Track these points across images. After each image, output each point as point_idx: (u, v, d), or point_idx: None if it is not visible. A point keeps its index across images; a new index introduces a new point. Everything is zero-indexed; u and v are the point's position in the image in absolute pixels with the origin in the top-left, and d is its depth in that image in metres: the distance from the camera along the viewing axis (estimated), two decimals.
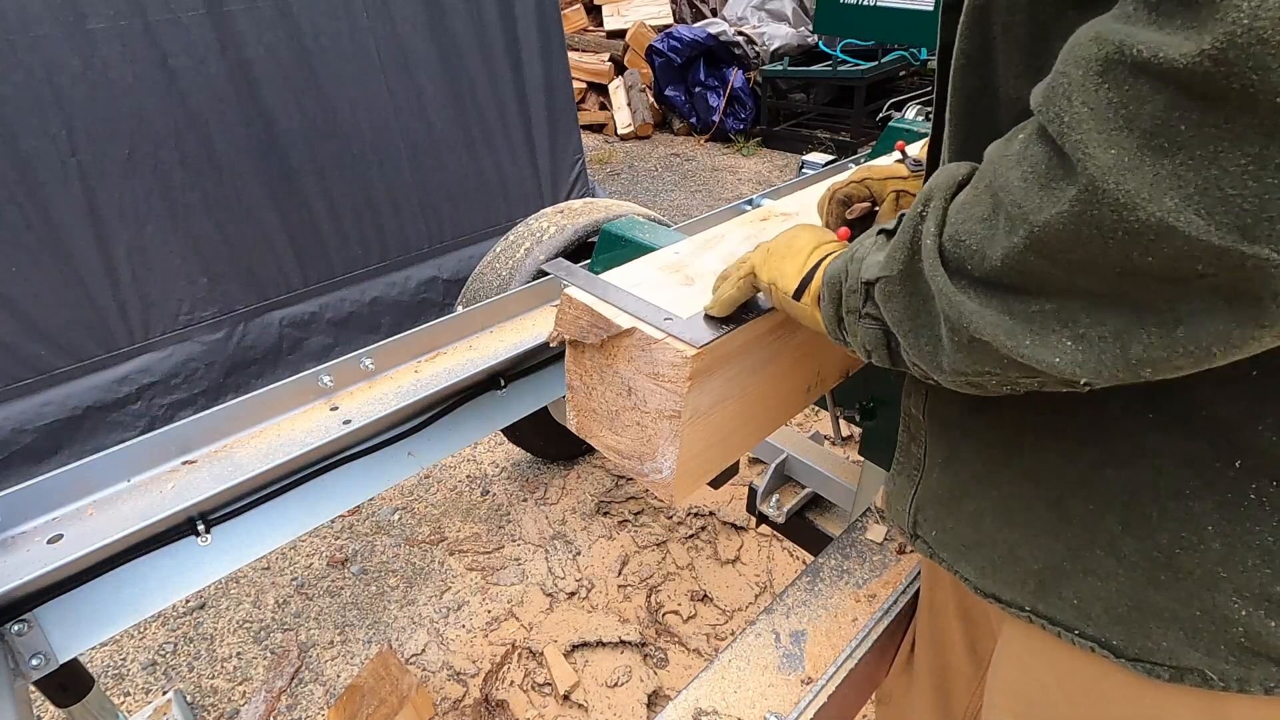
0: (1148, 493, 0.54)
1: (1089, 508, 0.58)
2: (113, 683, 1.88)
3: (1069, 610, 0.61)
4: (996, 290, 0.45)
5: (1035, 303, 0.43)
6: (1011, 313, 0.44)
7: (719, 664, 1.02)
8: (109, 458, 1.05)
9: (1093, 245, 0.38)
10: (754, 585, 2.13)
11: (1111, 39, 0.36)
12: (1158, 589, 0.55)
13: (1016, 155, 0.42)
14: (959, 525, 0.69)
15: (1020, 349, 0.44)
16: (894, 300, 0.53)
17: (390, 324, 3.00)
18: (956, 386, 0.52)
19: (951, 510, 0.70)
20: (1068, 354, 0.42)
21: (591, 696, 1.83)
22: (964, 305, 0.46)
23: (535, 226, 1.84)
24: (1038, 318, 0.43)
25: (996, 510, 0.65)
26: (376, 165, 2.82)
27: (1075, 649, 0.62)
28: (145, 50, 2.19)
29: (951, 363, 0.50)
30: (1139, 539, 0.55)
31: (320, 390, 1.24)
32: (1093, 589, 0.59)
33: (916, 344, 0.52)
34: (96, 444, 2.38)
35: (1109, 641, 0.59)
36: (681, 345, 0.73)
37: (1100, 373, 0.42)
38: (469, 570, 2.19)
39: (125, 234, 2.29)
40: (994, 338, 0.45)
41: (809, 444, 1.70)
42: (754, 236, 1.00)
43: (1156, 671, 0.57)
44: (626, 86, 5.98)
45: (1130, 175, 0.36)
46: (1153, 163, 0.35)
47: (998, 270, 0.44)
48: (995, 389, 0.50)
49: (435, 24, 2.85)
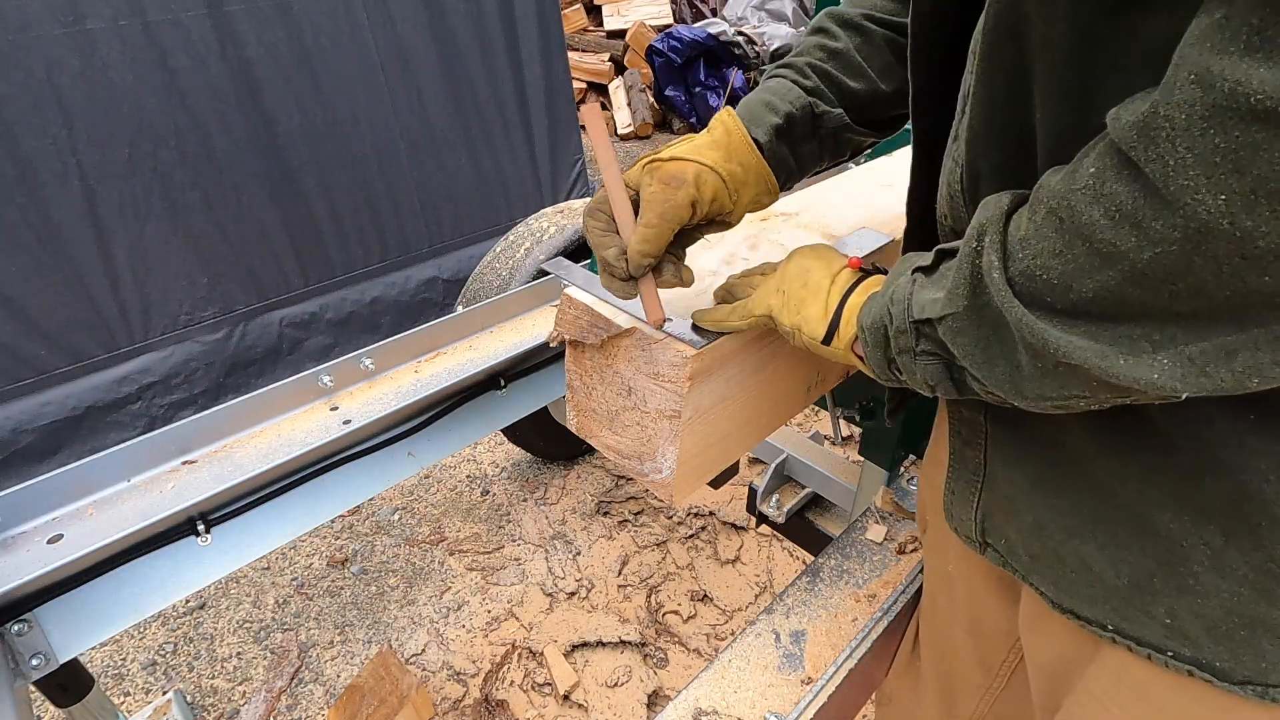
0: (1253, 500, 0.51)
1: (1183, 520, 0.54)
2: (113, 683, 1.88)
3: (1160, 630, 0.57)
4: (1082, 318, 0.44)
5: (1127, 327, 0.42)
6: (1099, 338, 0.43)
7: (719, 664, 1.02)
8: (109, 458, 1.06)
9: (1204, 274, 0.37)
10: (754, 585, 2.13)
11: (1218, 84, 0.33)
12: (1272, 603, 0.52)
13: (1092, 191, 0.40)
14: (1024, 536, 0.66)
15: (1114, 369, 0.42)
16: (963, 336, 0.51)
17: (390, 324, 3.00)
18: (1040, 410, 0.51)
19: (1012, 519, 0.67)
20: (1166, 371, 0.41)
21: (591, 696, 1.83)
22: (1048, 334, 0.44)
23: (535, 226, 1.84)
24: (1127, 340, 0.42)
25: (1060, 521, 0.62)
26: (376, 165, 2.82)
27: (1168, 673, 0.58)
28: (145, 50, 2.19)
29: (1036, 389, 0.48)
30: (1246, 551, 0.52)
31: (320, 390, 1.24)
32: (1190, 607, 0.55)
33: (992, 374, 0.51)
34: (96, 444, 2.37)
35: (1211, 663, 0.55)
36: (682, 345, 0.73)
37: (1203, 386, 0.41)
38: (469, 570, 2.19)
39: (125, 234, 2.29)
40: (1084, 360, 0.43)
41: (809, 444, 1.70)
42: (754, 236, 1.00)
43: (1274, 695, 0.53)
44: (626, 86, 5.98)
45: (1246, 215, 0.34)
46: (1270, 203, 0.34)
47: (1088, 302, 0.42)
48: (1083, 408, 0.48)
49: (435, 24, 2.85)
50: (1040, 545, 0.64)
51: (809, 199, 1.13)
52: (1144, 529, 0.56)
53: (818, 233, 1.00)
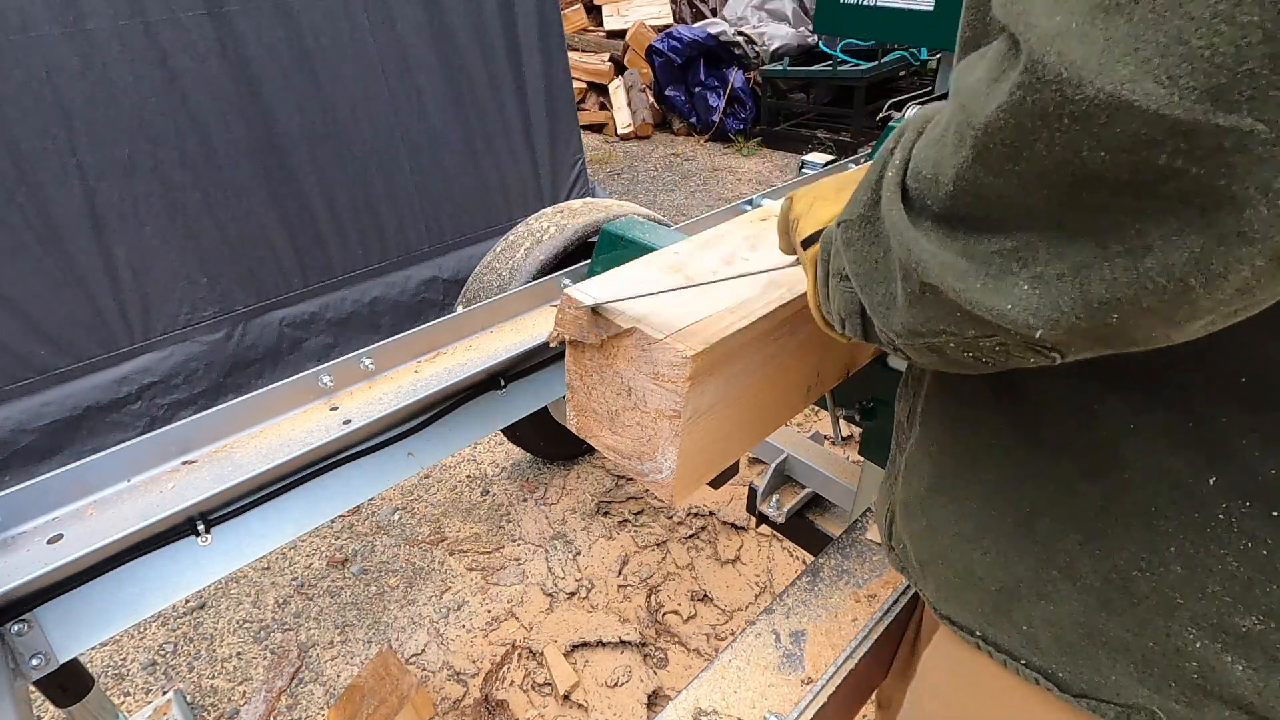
0: (1114, 508, 0.50)
1: (1055, 524, 0.53)
2: (113, 683, 1.88)
3: (1018, 637, 0.56)
4: (957, 228, 0.39)
5: (995, 240, 0.37)
6: (970, 254, 0.38)
7: (719, 664, 1.01)
8: (109, 458, 1.05)
9: (1038, 144, 0.32)
10: (754, 585, 2.13)
11: None
12: (1110, 614, 0.51)
13: (982, 59, 0.36)
14: (917, 539, 0.65)
15: (970, 293, 0.38)
16: (853, 247, 0.48)
17: (390, 324, 3.00)
18: (916, 354, 0.47)
19: (909, 522, 0.66)
20: (1021, 300, 0.36)
21: (591, 696, 1.83)
22: (918, 244, 0.40)
23: (535, 226, 1.84)
24: (996, 259, 0.37)
25: (953, 526, 0.60)
26: (376, 165, 2.82)
27: (1020, 680, 0.57)
28: (145, 50, 2.19)
29: (904, 319, 0.44)
30: (1096, 558, 0.51)
31: (320, 390, 1.24)
32: (1044, 614, 0.54)
33: (871, 298, 0.48)
34: (96, 444, 2.38)
35: (1054, 674, 0.54)
36: (681, 345, 0.73)
37: (1058, 321, 0.35)
38: (469, 570, 2.19)
39: (125, 234, 2.29)
40: (942, 280, 0.39)
41: (809, 444, 1.70)
42: (754, 237, 1.00)
43: (1102, 710, 0.52)
44: (626, 86, 5.99)
45: (1076, 43, 0.29)
46: (1104, 24, 0.29)
47: (951, 195, 0.38)
48: (956, 354, 0.44)
49: (435, 24, 2.85)
50: (930, 550, 0.63)
51: None
52: (1025, 534, 0.55)
53: None
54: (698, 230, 1.21)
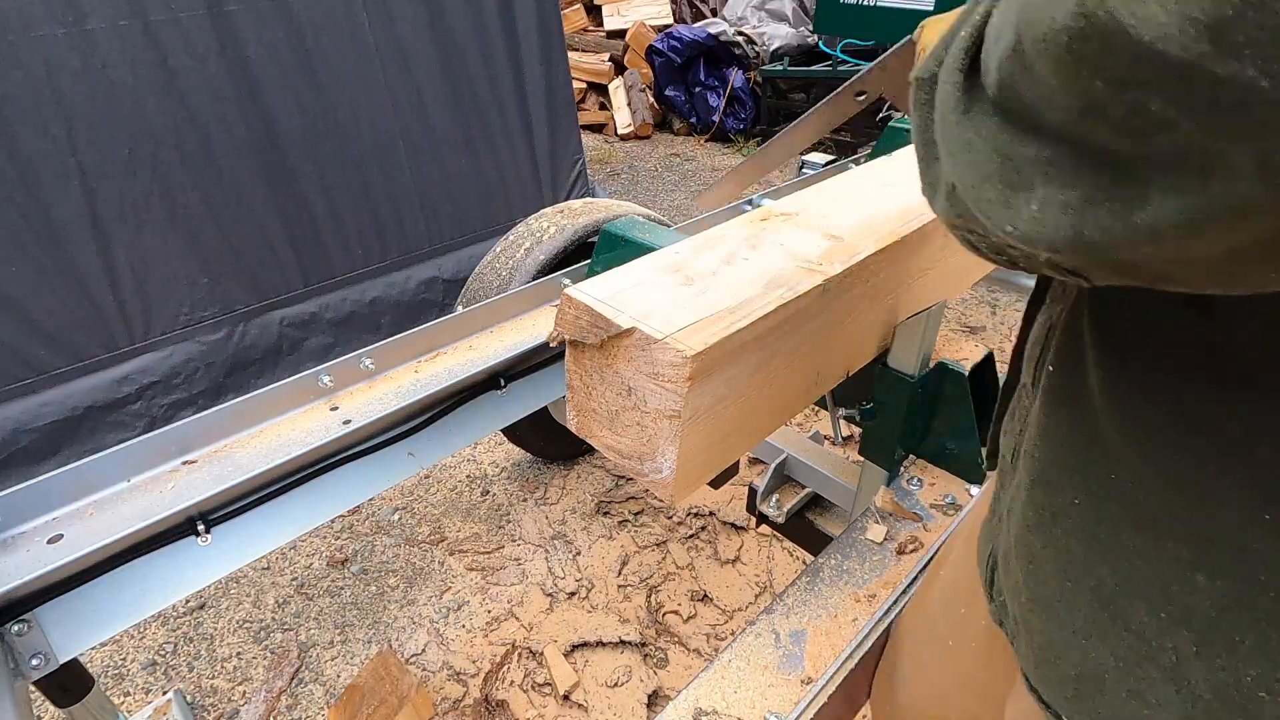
0: (1244, 614, 0.42)
1: (1159, 616, 0.46)
2: (113, 683, 1.88)
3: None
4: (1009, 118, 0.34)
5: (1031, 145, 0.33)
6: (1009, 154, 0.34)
7: (719, 664, 1.02)
8: (109, 458, 1.06)
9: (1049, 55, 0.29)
10: (754, 585, 2.13)
11: None
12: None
13: None
14: (1009, 593, 0.59)
15: (979, 199, 0.35)
16: (918, 110, 0.42)
17: (390, 324, 3.00)
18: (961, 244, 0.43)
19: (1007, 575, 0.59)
20: (1028, 221, 0.33)
21: (591, 696, 1.83)
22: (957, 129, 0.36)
23: (535, 226, 1.84)
24: (1028, 164, 0.33)
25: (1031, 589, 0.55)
26: (376, 165, 2.82)
27: None
28: (145, 50, 2.19)
29: (943, 207, 0.41)
30: (1215, 669, 0.43)
31: (320, 390, 1.24)
32: (1135, 714, 0.47)
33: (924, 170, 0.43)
34: (96, 444, 2.37)
35: None
36: (681, 345, 0.73)
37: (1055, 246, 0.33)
38: (469, 570, 2.19)
39: (125, 234, 2.29)
40: (961, 179, 0.36)
41: (809, 444, 1.70)
42: (754, 237, 1.00)
43: None
44: (626, 86, 5.99)
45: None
46: None
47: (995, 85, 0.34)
48: (989, 254, 0.40)
49: (435, 24, 2.85)
50: (1016, 608, 0.57)
51: (809, 199, 1.13)
52: (1113, 616, 0.48)
53: (818, 233, 1.00)
54: (698, 230, 1.21)
